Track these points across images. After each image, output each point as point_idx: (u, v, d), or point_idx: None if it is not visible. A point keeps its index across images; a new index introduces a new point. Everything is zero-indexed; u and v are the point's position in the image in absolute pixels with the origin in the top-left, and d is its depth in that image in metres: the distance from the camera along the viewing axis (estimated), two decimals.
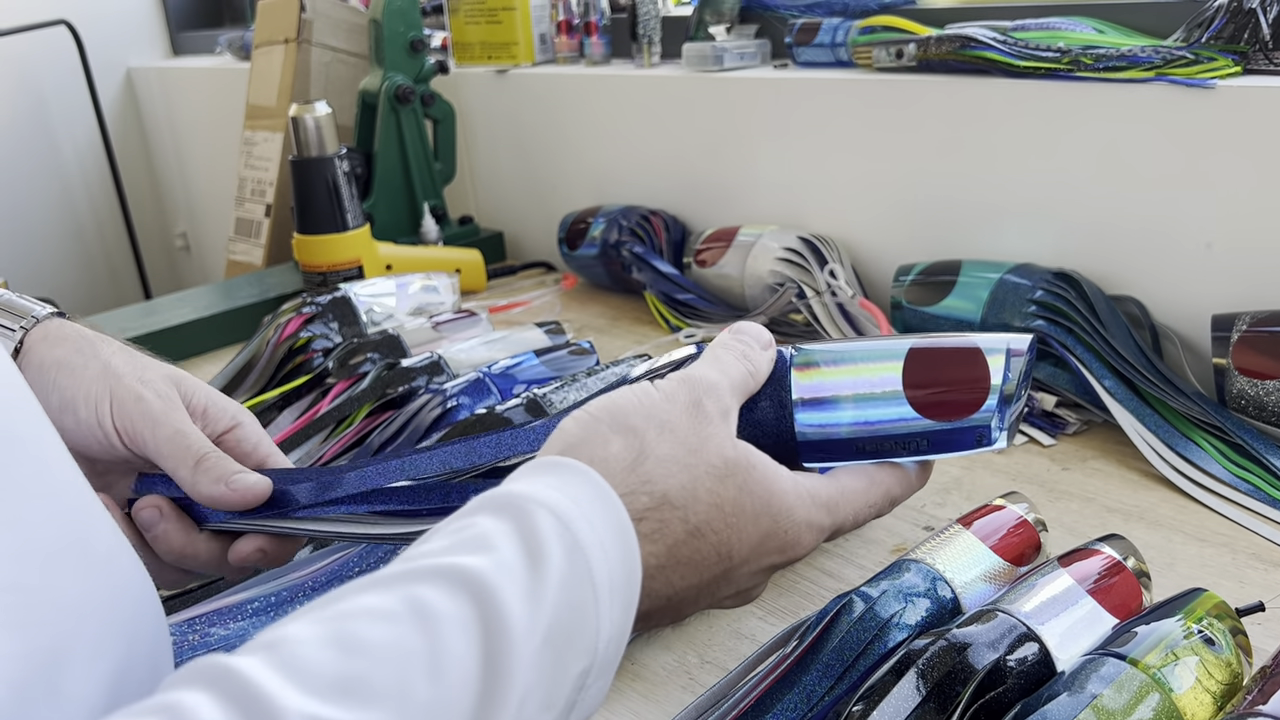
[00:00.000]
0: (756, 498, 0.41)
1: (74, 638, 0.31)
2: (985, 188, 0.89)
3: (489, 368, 0.74)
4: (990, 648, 0.43)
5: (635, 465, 0.40)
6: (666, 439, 0.41)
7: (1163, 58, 0.77)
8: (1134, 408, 0.71)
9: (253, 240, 1.47)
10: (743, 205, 1.09)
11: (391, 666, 0.29)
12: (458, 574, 0.32)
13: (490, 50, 1.32)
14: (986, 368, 0.44)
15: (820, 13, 1.05)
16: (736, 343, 0.46)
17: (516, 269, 1.27)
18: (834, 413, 0.45)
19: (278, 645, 0.29)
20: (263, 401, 0.79)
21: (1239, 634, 0.45)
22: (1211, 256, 0.77)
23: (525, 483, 0.37)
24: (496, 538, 0.34)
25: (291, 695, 0.27)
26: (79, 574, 0.33)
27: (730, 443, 0.42)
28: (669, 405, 0.42)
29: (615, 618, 0.36)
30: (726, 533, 0.40)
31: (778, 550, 0.42)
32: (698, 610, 0.43)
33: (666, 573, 0.39)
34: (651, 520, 0.39)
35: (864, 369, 0.45)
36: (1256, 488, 0.65)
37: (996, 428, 0.44)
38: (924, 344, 0.45)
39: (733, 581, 0.42)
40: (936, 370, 0.44)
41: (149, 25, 2.20)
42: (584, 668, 0.34)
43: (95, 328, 0.54)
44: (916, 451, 0.45)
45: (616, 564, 0.36)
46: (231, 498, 0.49)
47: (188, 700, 0.27)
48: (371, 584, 0.32)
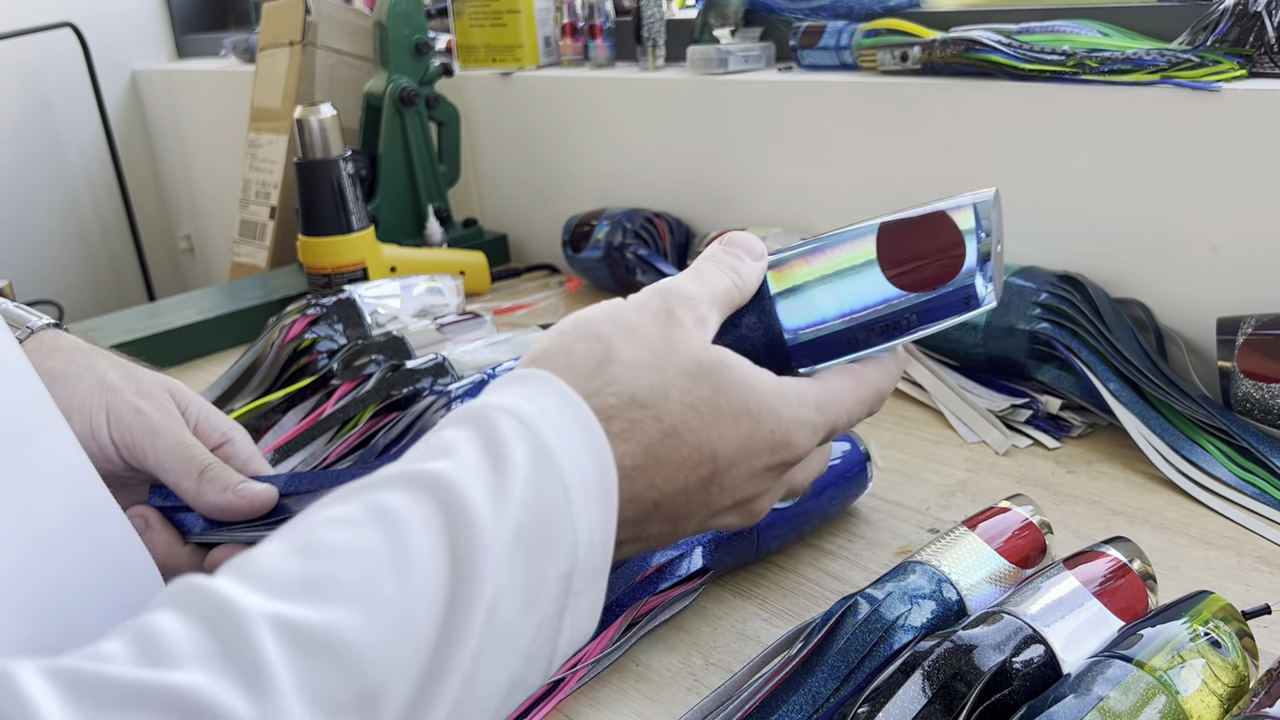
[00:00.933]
0: (733, 396, 0.41)
1: (84, 627, 0.31)
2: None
3: (493, 369, 0.74)
4: (996, 649, 0.42)
5: (600, 368, 0.39)
6: (634, 343, 0.40)
7: (1168, 61, 0.77)
8: (1139, 411, 0.71)
9: (257, 242, 1.47)
10: (747, 208, 1.09)
11: (356, 565, 0.30)
12: (419, 477, 0.33)
13: (495, 53, 1.32)
14: (957, 229, 0.44)
15: (825, 16, 1.05)
16: (724, 254, 0.45)
17: (521, 271, 1.27)
18: (819, 311, 0.44)
19: (245, 562, 0.30)
20: (267, 403, 0.79)
21: (1245, 637, 0.45)
22: (1217, 259, 0.77)
23: (490, 394, 0.38)
24: (458, 443, 0.34)
25: (256, 599, 0.28)
26: (90, 564, 0.33)
27: (703, 345, 0.41)
28: (637, 313, 0.42)
29: (593, 519, 0.35)
30: (705, 432, 0.40)
31: (767, 450, 0.41)
32: (697, 525, 0.42)
33: (648, 474, 0.39)
34: (621, 419, 0.38)
35: (838, 259, 0.44)
36: (1262, 490, 0.64)
37: (982, 287, 0.44)
38: (891, 219, 0.44)
39: (725, 487, 0.41)
40: (909, 244, 0.44)
41: (154, 28, 2.20)
42: (565, 569, 0.34)
43: (91, 340, 0.54)
44: (908, 329, 0.44)
45: (587, 463, 0.36)
46: (240, 505, 0.49)
47: (155, 618, 0.27)
48: (335, 497, 0.33)
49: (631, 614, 0.54)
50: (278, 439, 0.75)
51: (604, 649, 0.53)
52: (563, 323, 0.42)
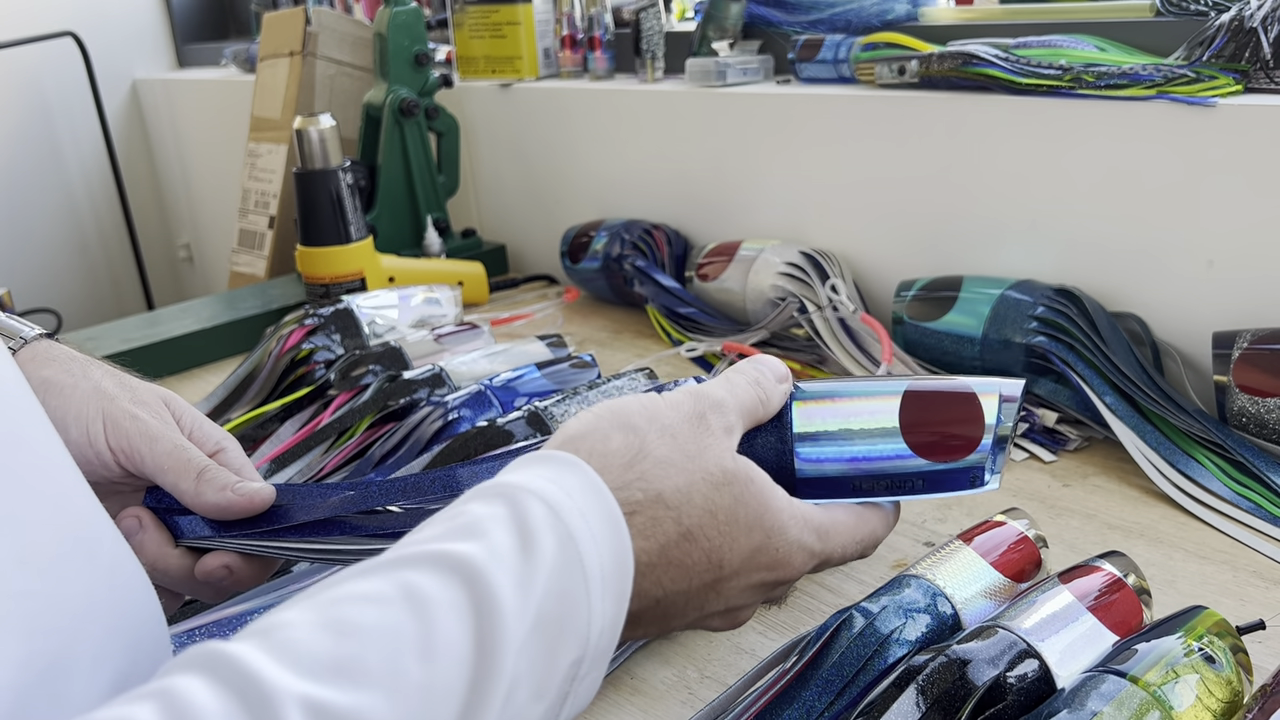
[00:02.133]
0: (751, 510, 0.41)
1: (77, 644, 0.31)
2: (987, 204, 0.89)
3: (490, 380, 0.74)
4: (990, 664, 0.42)
5: (633, 463, 0.40)
6: (666, 442, 0.41)
7: (1164, 76, 0.77)
8: (1135, 424, 0.71)
9: (256, 252, 1.47)
10: (745, 220, 1.09)
11: (384, 648, 0.30)
12: (449, 559, 0.33)
13: (494, 64, 1.32)
14: (981, 410, 0.45)
15: (823, 29, 1.06)
16: (752, 369, 0.47)
17: (519, 282, 1.28)
18: (832, 450, 0.46)
19: (271, 631, 0.30)
20: (264, 413, 0.79)
21: (1240, 652, 0.45)
22: (1213, 274, 0.77)
23: (519, 473, 0.38)
24: (488, 524, 0.35)
25: (286, 677, 0.28)
26: (83, 579, 0.33)
27: (730, 455, 0.42)
28: (672, 412, 0.43)
29: (608, 609, 0.36)
30: (719, 540, 0.41)
31: (767, 566, 0.42)
32: (685, 624, 0.43)
33: (657, 572, 0.40)
34: (644, 516, 0.39)
35: (862, 410, 0.46)
36: (1257, 505, 0.64)
37: (990, 469, 0.45)
38: (919, 387, 0.46)
39: (722, 595, 0.42)
40: (932, 412, 0.45)
41: (155, 37, 2.21)
42: (576, 658, 0.35)
43: (86, 350, 0.54)
44: (911, 491, 0.46)
45: (608, 555, 0.36)
46: (240, 503, 0.49)
47: (182, 684, 0.27)
48: (363, 571, 0.33)
49: None
50: (275, 449, 0.75)
51: None
52: (599, 407, 0.43)
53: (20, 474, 0.32)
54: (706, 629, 0.45)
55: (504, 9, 1.29)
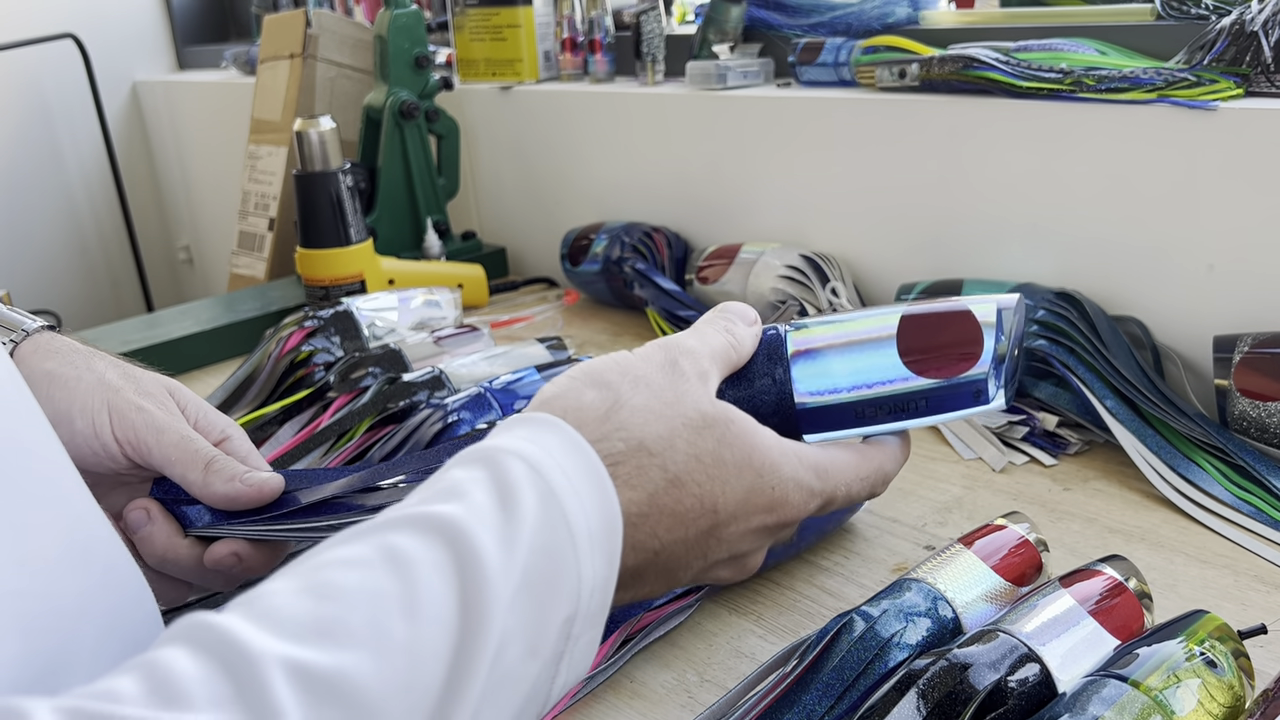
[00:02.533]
0: (737, 450, 0.41)
1: (74, 644, 0.31)
2: (987, 207, 0.89)
3: (490, 383, 0.74)
4: (991, 668, 0.42)
5: (609, 414, 0.40)
6: (641, 391, 0.41)
7: (1165, 79, 0.77)
8: (1136, 428, 0.71)
9: (255, 254, 1.47)
10: (745, 223, 1.09)
11: (367, 608, 0.30)
12: (430, 520, 0.33)
13: (495, 67, 1.32)
14: (978, 324, 0.45)
15: (823, 32, 1.06)
16: (719, 317, 0.47)
17: (519, 284, 1.28)
18: (831, 379, 0.45)
19: (253, 599, 0.30)
20: (263, 415, 0.79)
21: (1241, 656, 0.45)
22: (1213, 278, 0.77)
23: (497, 436, 0.38)
24: (468, 485, 0.35)
25: (268, 640, 0.28)
26: (80, 580, 0.33)
27: (708, 399, 0.42)
28: (644, 364, 0.43)
29: (597, 564, 0.36)
30: (709, 484, 0.40)
31: (765, 508, 0.42)
32: (691, 576, 0.43)
33: (650, 522, 0.39)
34: (628, 466, 0.39)
35: (858, 336, 0.45)
36: (1258, 509, 0.64)
37: (994, 383, 0.45)
38: (915, 310, 0.46)
39: (723, 541, 0.42)
40: (929, 333, 0.45)
41: (155, 39, 2.21)
42: (568, 614, 0.34)
43: (87, 342, 0.54)
44: (916, 413, 0.45)
45: (593, 509, 0.36)
46: (248, 493, 0.49)
47: (165, 655, 0.27)
48: (345, 538, 0.33)
49: (626, 630, 0.54)
50: (274, 451, 0.75)
51: (598, 665, 0.53)
52: (572, 369, 0.43)
53: (16, 474, 0.32)
54: (715, 581, 0.44)
55: (504, 12, 1.29)
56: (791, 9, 1.11)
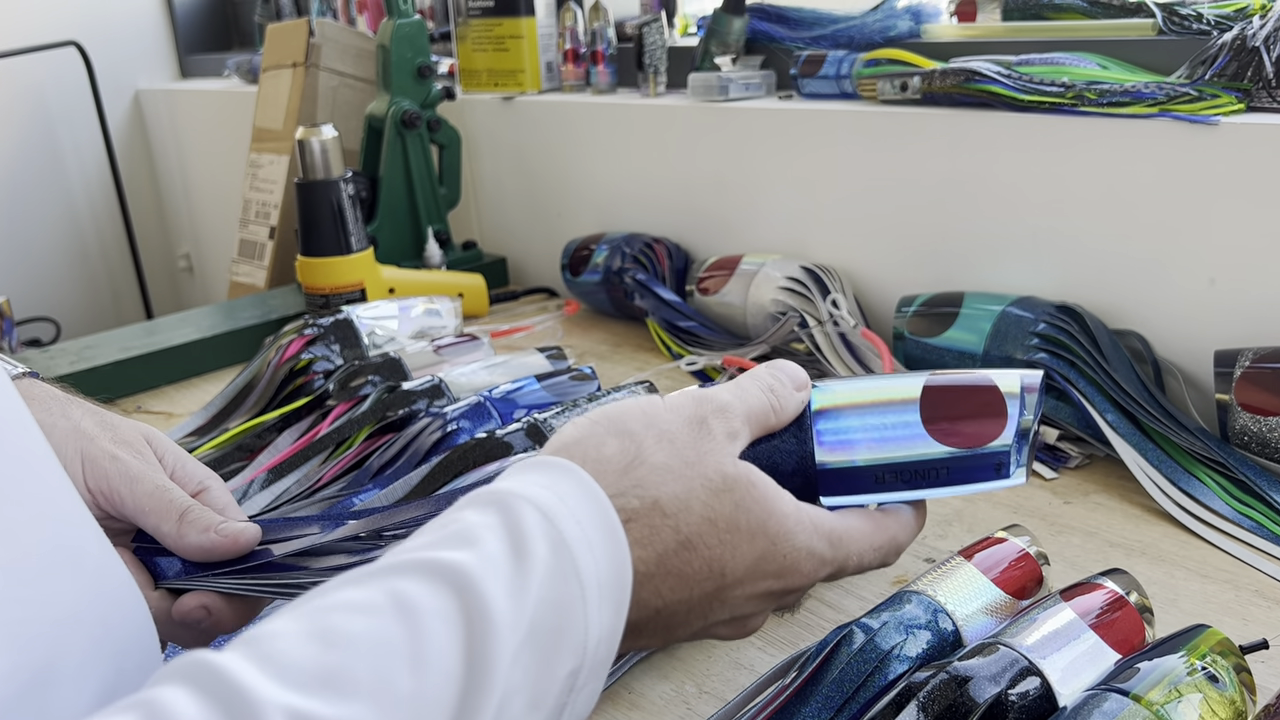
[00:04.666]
0: (753, 516, 0.40)
1: (64, 652, 0.31)
2: (988, 220, 0.89)
3: (490, 392, 0.74)
4: (992, 681, 0.42)
5: (629, 469, 0.39)
6: (664, 448, 0.40)
7: (1166, 94, 0.77)
8: (1137, 442, 0.71)
9: (256, 262, 1.47)
10: (746, 234, 1.09)
11: (372, 658, 0.29)
12: (439, 567, 0.32)
13: (497, 77, 1.33)
14: (1002, 399, 0.45)
15: (825, 45, 1.06)
16: (768, 375, 0.46)
17: (519, 294, 1.28)
18: (853, 442, 0.45)
19: (257, 640, 0.29)
20: (262, 423, 0.79)
21: (1243, 671, 0.44)
22: (1215, 292, 0.77)
23: (512, 480, 0.37)
24: (480, 531, 0.34)
25: (271, 688, 0.27)
26: (71, 588, 0.32)
27: (731, 460, 0.41)
28: (671, 416, 0.42)
29: (605, 618, 0.35)
30: (720, 549, 0.40)
31: (774, 574, 0.41)
32: (690, 634, 0.42)
33: (655, 582, 0.39)
34: (640, 524, 0.38)
35: (882, 400, 0.45)
36: (1260, 524, 0.64)
37: (1015, 458, 0.44)
38: (939, 380, 0.45)
39: (726, 604, 0.41)
40: (952, 403, 0.45)
41: (158, 48, 2.22)
42: (573, 668, 0.34)
43: (67, 389, 0.53)
44: (935, 482, 0.45)
45: (604, 563, 0.36)
46: (224, 545, 0.48)
47: (166, 695, 0.27)
48: (353, 579, 0.32)
49: None
50: (272, 459, 0.74)
51: None
52: (595, 412, 0.42)
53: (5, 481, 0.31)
54: (713, 638, 0.44)
55: (507, 22, 1.29)
56: (794, 22, 1.11)
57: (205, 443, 0.78)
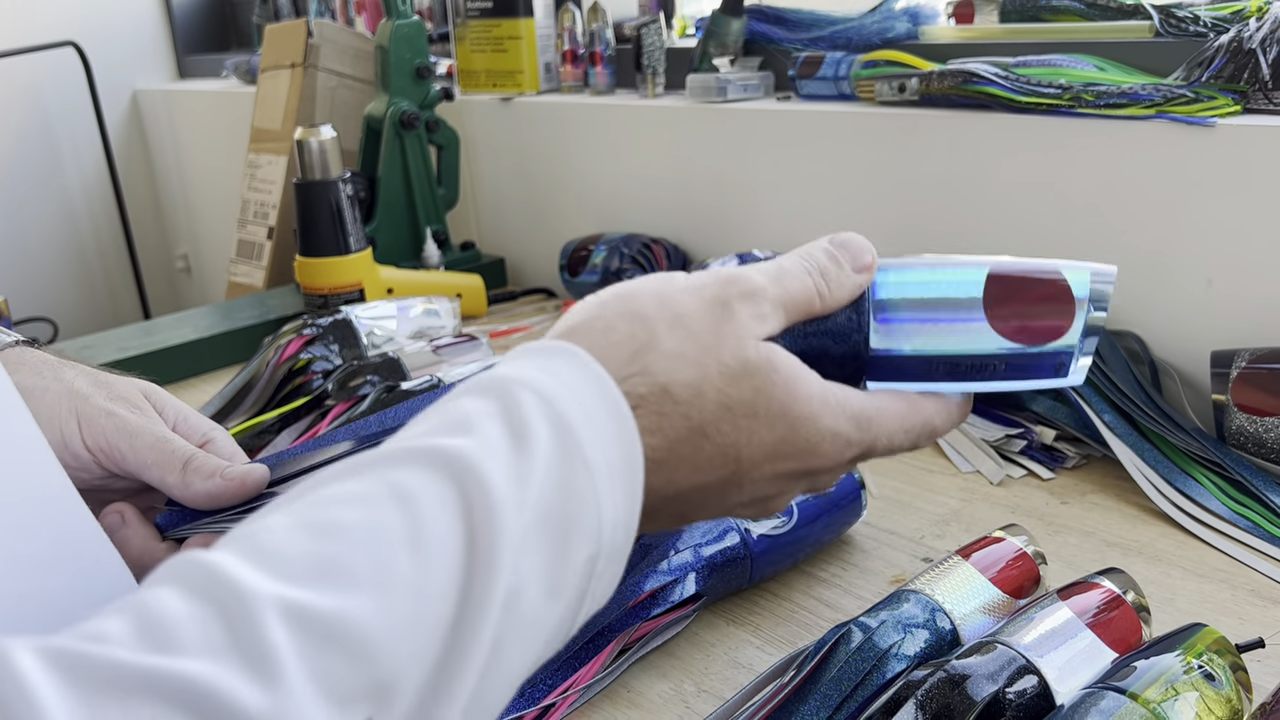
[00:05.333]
0: (774, 401, 0.38)
1: None
2: (985, 221, 0.89)
3: None
4: (989, 680, 0.42)
5: (637, 355, 0.37)
6: (678, 332, 0.38)
7: (1163, 96, 0.77)
8: (1133, 443, 0.71)
9: (254, 262, 1.47)
10: (744, 235, 1.09)
11: (369, 547, 0.28)
12: (436, 454, 0.31)
13: (495, 78, 1.33)
14: (1071, 293, 0.42)
15: (823, 46, 1.06)
16: (822, 255, 0.42)
17: (517, 295, 1.28)
18: (911, 330, 0.42)
19: (249, 536, 0.29)
20: (261, 422, 0.79)
21: (1239, 670, 0.45)
22: (1211, 293, 0.77)
23: (511, 365, 0.36)
24: (477, 418, 0.33)
25: (264, 581, 0.27)
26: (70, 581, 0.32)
27: (753, 343, 0.38)
28: (690, 298, 0.39)
29: (618, 500, 0.34)
30: (734, 434, 0.38)
31: (794, 455, 0.39)
32: (707, 516, 0.41)
33: (668, 470, 0.37)
34: (649, 411, 0.36)
35: (945, 289, 0.42)
36: (1256, 524, 0.64)
37: (1077, 358, 0.42)
38: (1005, 269, 0.42)
39: (744, 487, 0.39)
40: (1019, 294, 0.41)
41: (156, 48, 2.21)
42: (590, 553, 0.33)
43: (62, 355, 0.52)
44: (991, 375, 0.42)
45: (612, 445, 0.34)
46: (231, 489, 0.47)
47: (155, 595, 0.26)
48: (346, 471, 0.31)
49: (624, 640, 0.54)
50: None
51: (595, 675, 0.52)
52: (606, 292, 0.40)
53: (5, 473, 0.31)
54: (735, 517, 0.42)
55: (505, 23, 1.29)
56: (792, 23, 1.11)
57: None
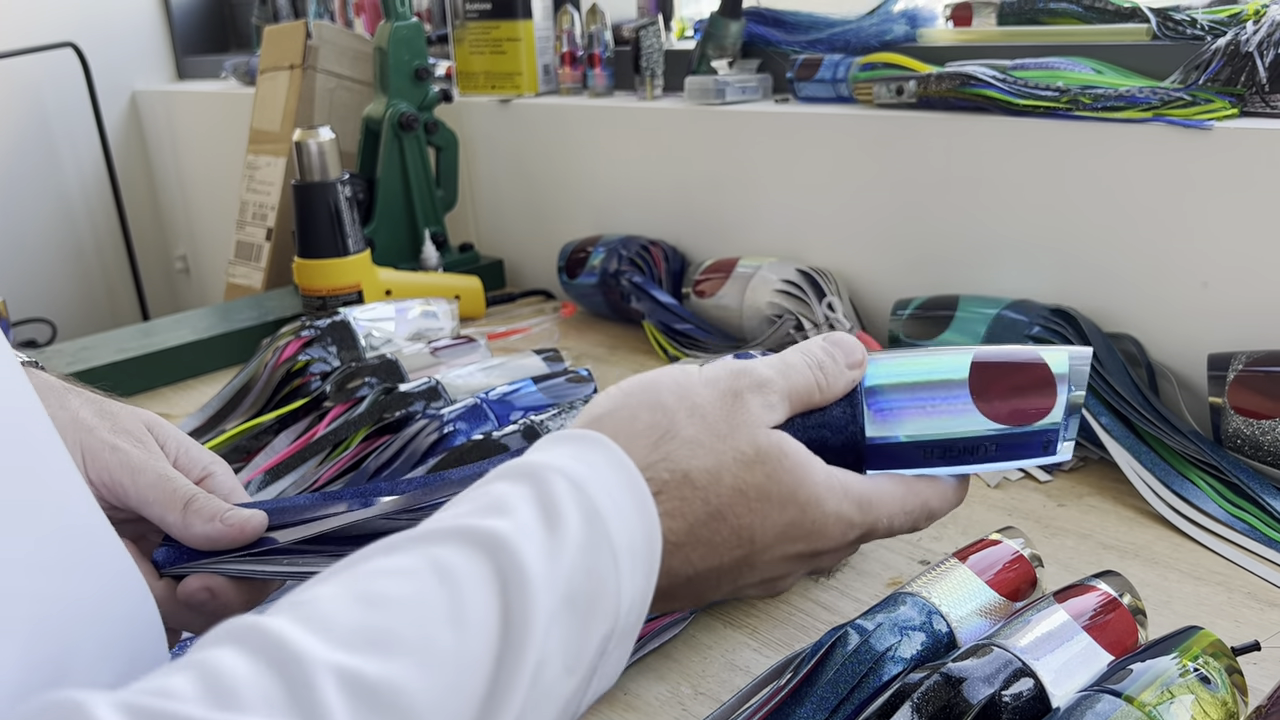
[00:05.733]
0: (784, 485, 0.41)
1: (78, 648, 0.31)
2: (983, 224, 0.90)
3: (486, 394, 0.74)
4: (986, 682, 0.42)
5: (659, 443, 0.40)
6: (696, 422, 0.41)
7: (1160, 99, 0.78)
8: (1130, 445, 0.71)
9: (253, 264, 1.47)
10: (742, 237, 1.09)
11: (414, 618, 0.30)
12: (475, 534, 0.33)
13: (494, 80, 1.33)
14: (1051, 375, 0.44)
15: (822, 49, 1.06)
16: (820, 351, 0.45)
17: (515, 296, 1.28)
18: (903, 418, 0.44)
19: (301, 604, 0.30)
20: (259, 424, 0.79)
21: (1235, 673, 0.45)
22: (1208, 296, 0.77)
23: (543, 452, 0.38)
24: (513, 501, 0.35)
25: (320, 647, 0.28)
26: (86, 584, 0.33)
27: (764, 432, 0.41)
28: (706, 390, 0.42)
29: (636, 584, 0.36)
30: (749, 517, 0.40)
31: (802, 538, 0.42)
32: (720, 595, 0.43)
33: (686, 551, 0.39)
34: (670, 496, 0.39)
35: (932, 377, 0.45)
36: (1252, 527, 0.65)
37: (1063, 435, 0.44)
38: (988, 357, 0.45)
39: (755, 568, 0.42)
40: (1002, 379, 0.44)
41: (155, 49, 2.21)
42: (606, 632, 0.35)
43: (66, 378, 0.52)
44: (983, 458, 0.45)
45: (636, 531, 0.36)
46: (229, 533, 0.48)
47: (217, 656, 0.27)
48: (390, 547, 0.33)
49: None
50: (269, 460, 0.74)
51: None
52: (628, 383, 0.42)
53: (25, 477, 0.32)
54: (744, 598, 0.45)
55: (504, 25, 1.29)
56: (790, 25, 1.11)
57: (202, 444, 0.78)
